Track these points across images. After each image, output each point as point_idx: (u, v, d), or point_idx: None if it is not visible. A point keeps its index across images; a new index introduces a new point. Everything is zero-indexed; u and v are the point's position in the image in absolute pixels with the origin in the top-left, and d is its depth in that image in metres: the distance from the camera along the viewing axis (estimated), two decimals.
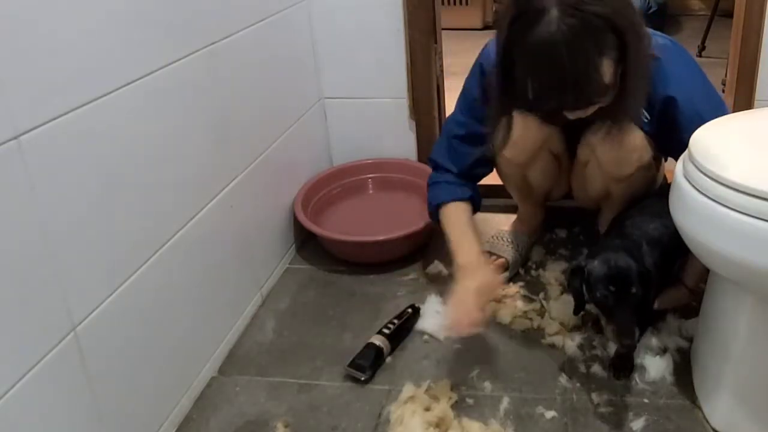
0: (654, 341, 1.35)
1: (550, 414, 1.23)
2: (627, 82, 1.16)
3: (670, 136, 1.30)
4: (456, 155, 1.50)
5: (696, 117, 1.24)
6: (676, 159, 1.25)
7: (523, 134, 1.41)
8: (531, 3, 1.09)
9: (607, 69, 1.11)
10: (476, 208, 1.53)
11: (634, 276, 1.18)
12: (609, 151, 1.37)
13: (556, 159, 1.53)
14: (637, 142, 1.35)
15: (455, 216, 1.47)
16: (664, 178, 1.58)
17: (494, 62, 1.23)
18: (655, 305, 1.34)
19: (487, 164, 1.53)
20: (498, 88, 1.24)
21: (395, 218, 1.80)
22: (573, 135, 1.46)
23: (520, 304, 1.50)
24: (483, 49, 1.45)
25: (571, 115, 1.21)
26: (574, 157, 1.51)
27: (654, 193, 1.46)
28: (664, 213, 1.17)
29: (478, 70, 1.44)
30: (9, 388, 0.88)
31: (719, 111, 1.29)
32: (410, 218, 1.74)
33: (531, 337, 1.42)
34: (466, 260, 1.37)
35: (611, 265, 1.19)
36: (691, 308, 1.43)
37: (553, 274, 1.59)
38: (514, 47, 1.13)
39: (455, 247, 1.41)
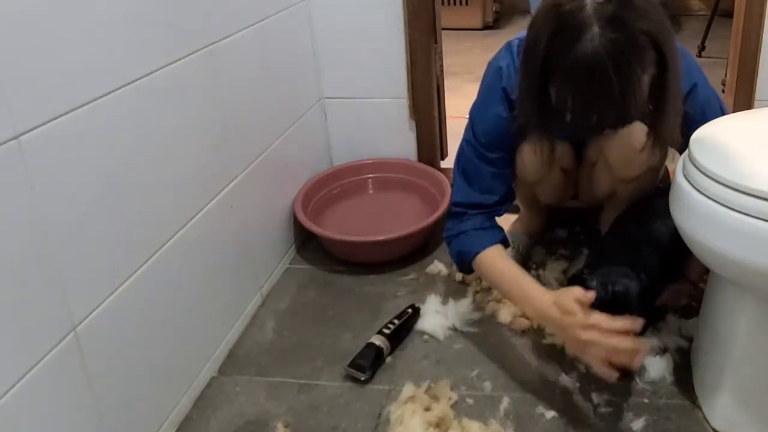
0: (654, 341, 1.35)
1: (550, 414, 1.23)
2: (666, 97, 1.12)
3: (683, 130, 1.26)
4: (490, 183, 1.37)
5: (709, 106, 1.25)
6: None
7: (534, 158, 1.36)
8: (572, 18, 1.04)
9: (645, 85, 1.07)
10: (506, 246, 1.39)
11: (632, 300, 1.17)
12: (618, 152, 1.37)
13: (565, 173, 1.52)
14: (643, 141, 1.32)
15: (500, 262, 1.32)
16: (666, 174, 1.58)
17: (520, 84, 1.18)
18: (657, 302, 1.34)
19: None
20: (532, 109, 1.17)
21: (395, 218, 1.80)
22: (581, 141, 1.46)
23: None
24: (494, 72, 1.33)
25: (607, 132, 1.18)
26: (581, 160, 1.51)
27: (656, 193, 1.46)
28: (666, 212, 1.16)
29: (502, 95, 1.30)
30: (9, 388, 0.88)
31: (722, 105, 1.31)
32: (410, 218, 1.75)
33: (531, 337, 1.42)
34: (548, 300, 1.20)
35: (608, 290, 1.18)
36: (691, 308, 1.43)
37: (553, 274, 1.58)
38: (555, 64, 1.08)
39: (522, 293, 1.26)
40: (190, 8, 1.26)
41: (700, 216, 1.04)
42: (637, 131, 1.30)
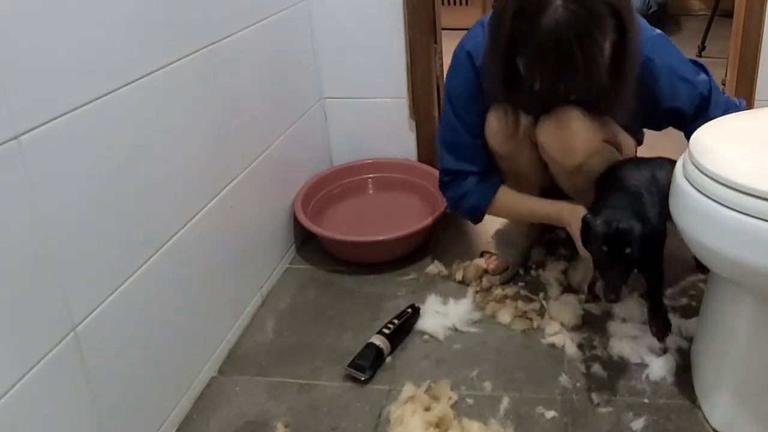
0: (654, 341, 1.35)
1: (550, 414, 1.23)
2: (626, 62, 1.18)
3: (654, 106, 1.31)
4: (472, 154, 1.47)
5: (676, 78, 1.28)
6: (685, 129, 1.32)
7: (499, 126, 1.41)
8: None
9: (607, 52, 1.13)
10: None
11: (634, 238, 1.18)
12: (551, 140, 1.37)
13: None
14: (578, 127, 1.33)
15: (510, 197, 1.49)
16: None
17: (486, 56, 1.25)
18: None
19: None
20: (499, 82, 1.25)
21: (395, 218, 1.80)
22: None
23: (520, 304, 1.50)
24: (463, 42, 1.41)
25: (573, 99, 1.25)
26: None
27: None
28: (660, 160, 1.24)
29: (469, 64, 1.39)
30: (9, 387, 0.88)
31: (700, 73, 1.32)
32: (410, 218, 1.75)
33: (531, 337, 1.42)
34: (561, 205, 1.42)
35: (611, 226, 1.19)
36: (691, 308, 1.43)
37: (553, 274, 1.59)
38: (521, 38, 1.14)
39: (540, 208, 1.47)
40: (190, 8, 1.26)
41: (700, 216, 1.04)
42: (573, 117, 1.32)
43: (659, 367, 1.30)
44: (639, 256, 1.19)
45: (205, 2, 1.31)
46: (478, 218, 1.56)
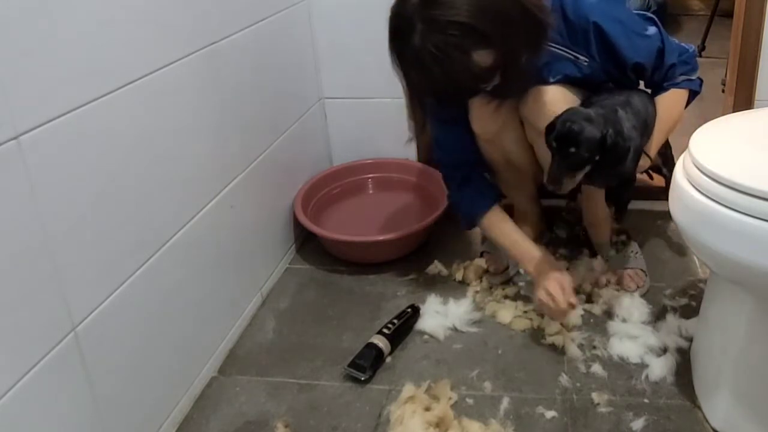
0: (654, 341, 1.35)
1: (550, 414, 1.23)
2: (512, 59, 1.24)
3: (622, 64, 1.37)
4: (461, 148, 1.52)
5: (632, 34, 1.35)
6: (647, 85, 1.46)
7: (481, 108, 1.45)
8: (400, 19, 1.23)
9: (482, 58, 1.20)
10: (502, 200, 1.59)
11: (583, 140, 1.24)
12: (530, 107, 1.42)
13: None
14: (554, 93, 1.40)
15: (501, 224, 1.52)
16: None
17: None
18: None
19: None
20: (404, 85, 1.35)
21: (395, 218, 1.80)
22: None
23: (520, 304, 1.50)
24: None
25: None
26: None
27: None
28: (631, 92, 1.39)
29: None
30: (9, 387, 0.88)
31: (649, 26, 1.39)
32: (410, 218, 1.75)
33: (531, 337, 1.42)
34: (537, 258, 1.45)
35: (565, 126, 1.26)
36: (691, 308, 1.43)
37: None
38: (397, 59, 1.27)
39: (518, 251, 1.48)
40: (190, 8, 1.26)
41: (700, 216, 1.03)
42: (550, 88, 1.40)
43: (659, 367, 1.30)
44: (588, 158, 1.27)
45: (205, 2, 1.31)
46: (471, 226, 1.58)
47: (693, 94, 1.46)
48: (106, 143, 1.05)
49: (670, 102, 1.44)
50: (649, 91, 1.47)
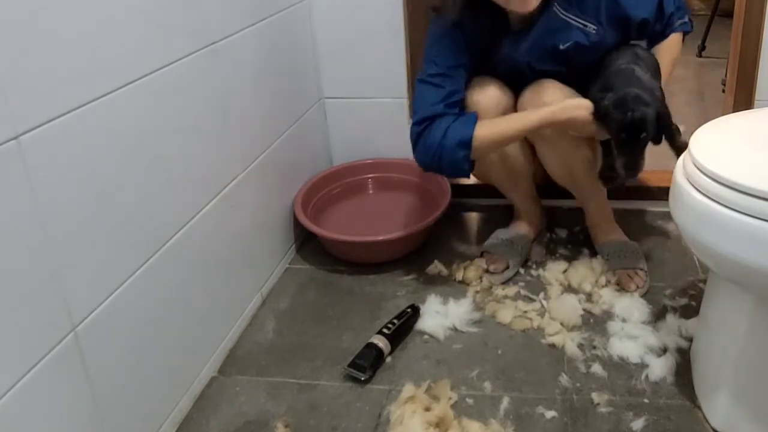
0: (654, 341, 1.35)
1: (550, 414, 1.23)
2: None
3: (628, 23, 1.44)
4: (452, 93, 1.46)
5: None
6: (648, 36, 1.52)
7: (482, 91, 1.48)
8: None
9: None
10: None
11: (649, 124, 1.30)
12: (528, 98, 1.46)
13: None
14: (551, 86, 1.45)
15: (496, 120, 1.45)
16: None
17: None
18: None
19: None
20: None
21: (395, 218, 1.80)
22: None
23: (520, 304, 1.50)
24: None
25: None
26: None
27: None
28: (632, 46, 1.46)
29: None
30: (9, 387, 0.88)
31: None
32: (410, 218, 1.75)
33: (531, 337, 1.42)
34: (552, 105, 1.42)
35: (628, 116, 1.29)
36: (691, 308, 1.43)
37: (553, 274, 1.59)
38: None
39: (530, 113, 1.43)
40: (190, 8, 1.26)
41: (700, 216, 1.04)
42: (548, 83, 1.46)
43: (659, 367, 1.30)
44: (654, 134, 1.32)
45: (205, 2, 1.31)
46: (466, 158, 1.41)
47: (685, 33, 1.55)
48: (107, 143, 1.05)
49: (671, 47, 1.53)
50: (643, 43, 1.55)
